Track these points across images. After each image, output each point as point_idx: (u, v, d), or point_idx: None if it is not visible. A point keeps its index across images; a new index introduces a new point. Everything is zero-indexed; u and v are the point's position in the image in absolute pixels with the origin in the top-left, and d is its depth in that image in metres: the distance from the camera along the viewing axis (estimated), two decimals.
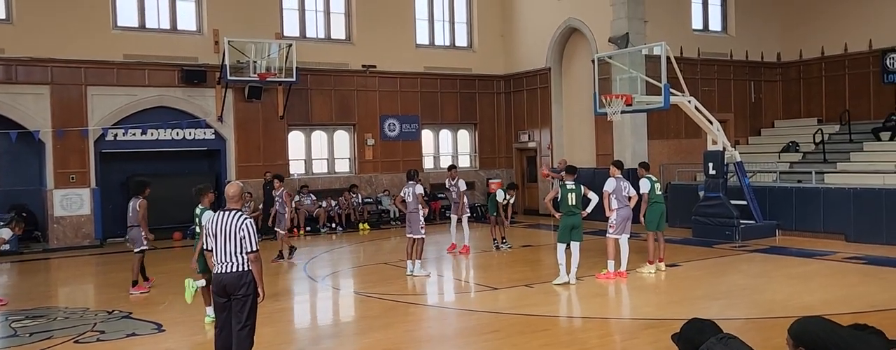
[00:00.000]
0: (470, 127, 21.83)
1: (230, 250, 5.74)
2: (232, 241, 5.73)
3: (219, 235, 5.77)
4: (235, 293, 5.75)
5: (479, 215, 19.76)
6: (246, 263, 5.75)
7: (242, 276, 5.75)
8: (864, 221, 13.26)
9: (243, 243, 5.73)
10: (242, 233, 5.72)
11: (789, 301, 8.71)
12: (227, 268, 5.75)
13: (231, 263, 5.75)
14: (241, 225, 5.73)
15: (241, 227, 5.73)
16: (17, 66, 15.65)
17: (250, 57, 17.02)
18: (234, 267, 5.75)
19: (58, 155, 16.00)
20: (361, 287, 10.81)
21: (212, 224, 5.83)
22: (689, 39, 19.09)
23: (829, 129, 18.03)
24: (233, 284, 5.74)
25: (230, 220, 5.76)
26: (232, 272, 5.74)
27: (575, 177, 10.33)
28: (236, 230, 5.73)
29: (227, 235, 5.74)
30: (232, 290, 5.75)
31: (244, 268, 5.75)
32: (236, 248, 5.73)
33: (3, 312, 9.31)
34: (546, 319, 8.24)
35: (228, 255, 5.75)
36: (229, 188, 5.95)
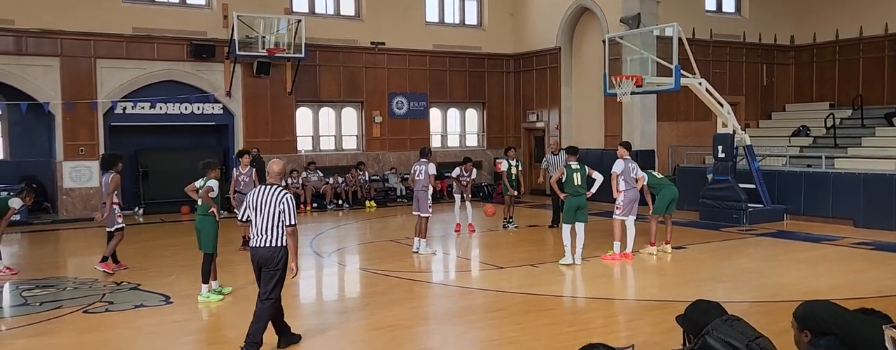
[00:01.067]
0: (478, 106, 21.75)
1: (268, 224, 5.96)
2: (270, 214, 5.95)
3: (258, 209, 6.00)
4: (267, 266, 5.98)
5: (485, 195, 19.78)
6: (281, 238, 5.97)
7: (276, 251, 5.97)
8: (874, 207, 13.19)
9: (281, 217, 5.94)
10: (281, 207, 5.94)
11: (795, 285, 8.70)
12: (263, 241, 5.98)
13: (266, 237, 5.97)
14: (280, 199, 5.96)
15: (281, 201, 5.95)
16: (28, 37, 15.65)
17: (259, 32, 16.95)
18: (269, 241, 5.97)
19: (67, 127, 16.07)
20: (367, 264, 10.86)
21: (253, 198, 6.09)
22: (701, 20, 18.89)
23: (841, 113, 17.88)
24: (266, 258, 5.98)
25: (270, 194, 5.99)
26: (266, 246, 5.97)
27: (577, 157, 10.36)
28: (275, 204, 5.95)
29: (266, 209, 5.96)
30: (264, 263, 5.99)
31: (278, 243, 5.97)
32: (274, 222, 5.94)
33: (13, 281, 9.41)
34: (551, 299, 8.27)
35: (265, 229, 5.97)
36: (273, 165, 6.17)
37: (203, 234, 8.25)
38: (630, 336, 6.56)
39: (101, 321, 7.40)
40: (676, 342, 3.70)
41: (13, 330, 7.26)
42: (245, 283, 9.09)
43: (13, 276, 9.75)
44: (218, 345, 6.72)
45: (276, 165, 6.18)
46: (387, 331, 6.90)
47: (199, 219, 8.35)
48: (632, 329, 7.03)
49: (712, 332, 3.05)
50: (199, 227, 8.30)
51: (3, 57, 15.45)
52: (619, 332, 6.98)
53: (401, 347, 6.44)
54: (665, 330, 6.35)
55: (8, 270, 9.89)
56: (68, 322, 7.35)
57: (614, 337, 6.51)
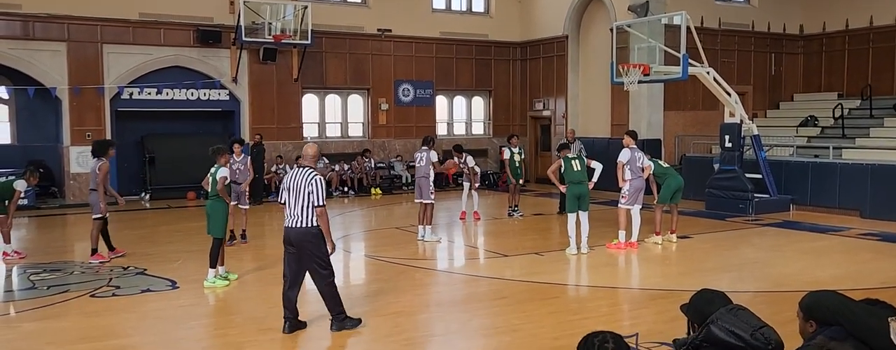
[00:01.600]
0: (484, 94, 21.69)
1: (299, 205, 6.12)
2: (301, 196, 6.11)
3: (290, 191, 6.19)
4: (303, 248, 6.16)
5: (490, 183, 19.78)
6: (312, 219, 6.11)
7: (307, 232, 6.12)
8: (881, 198, 13.14)
9: (311, 198, 6.09)
10: (310, 188, 6.09)
11: (800, 275, 8.69)
12: (294, 222, 6.16)
13: (298, 218, 6.14)
14: (309, 181, 6.11)
15: (310, 183, 6.10)
16: (35, 22, 15.66)
17: (265, 18, 16.92)
18: (300, 222, 6.13)
19: (74, 112, 16.11)
20: (372, 251, 10.89)
21: (287, 180, 6.28)
22: (710, 9, 18.76)
23: (850, 103, 17.76)
24: (298, 239, 6.16)
25: (301, 176, 6.16)
26: (297, 227, 6.15)
27: (568, 151, 10.40)
28: (305, 185, 6.10)
29: (297, 191, 6.12)
30: (297, 244, 6.17)
31: (310, 224, 6.12)
32: (304, 203, 6.10)
33: (21, 265, 9.48)
34: (555, 287, 8.29)
35: (296, 210, 6.14)
36: (307, 148, 6.35)
37: (213, 218, 8.28)
38: (634, 325, 6.57)
39: (107, 305, 7.46)
40: (680, 331, 3.71)
41: (21, 313, 7.32)
42: (251, 269, 9.14)
43: (21, 259, 9.82)
44: (223, 329, 6.77)
45: (310, 149, 6.34)
46: (391, 317, 6.93)
47: (210, 203, 8.38)
48: (636, 318, 7.04)
49: (717, 322, 3.05)
50: (210, 212, 8.33)
51: (11, 42, 15.47)
52: (623, 320, 7.00)
53: (405, 334, 6.47)
54: (669, 319, 6.36)
55: (16, 254, 9.96)
56: (75, 306, 7.40)
57: (618, 325, 6.52)
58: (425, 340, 6.45)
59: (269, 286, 8.27)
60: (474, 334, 6.60)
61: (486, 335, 6.52)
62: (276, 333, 6.42)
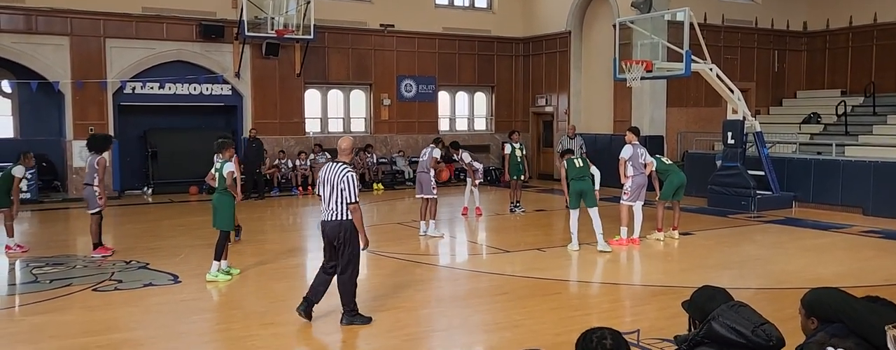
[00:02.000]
0: (487, 90, 21.67)
1: (332, 199, 6.23)
2: (334, 190, 6.21)
3: (325, 185, 6.30)
4: (335, 241, 6.26)
5: (493, 179, 19.77)
6: (345, 213, 6.21)
7: (340, 225, 6.23)
8: (883, 195, 13.11)
9: (343, 194, 6.17)
10: (343, 184, 6.17)
11: (802, 272, 8.69)
12: (329, 216, 6.28)
13: (332, 212, 6.25)
14: (342, 177, 6.19)
15: (342, 179, 6.18)
16: (38, 16, 15.67)
17: (268, 13, 16.89)
18: (334, 215, 6.24)
19: (77, 106, 16.12)
20: (374, 246, 10.86)
21: (323, 174, 6.41)
22: (713, 5, 18.71)
23: (853, 101, 17.73)
24: (331, 232, 6.28)
25: (335, 171, 6.25)
26: (331, 221, 6.27)
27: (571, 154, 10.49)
28: (338, 181, 6.19)
29: (331, 185, 6.23)
30: (331, 237, 6.29)
31: (343, 217, 6.22)
32: (337, 198, 6.20)
33: (24, 259, 9.51)
34: (557, 283, 8.29)
35: (330, 204, 6.25)
36: (341, 142, 6.45)
37: (221, 211, 8.30)
38: (635, 321, 6.58)
39: (110, 299, 7.48)
40: (682, 328, 3.71)
41: (23, 307, 7.35)
42: (253, 263, 9.16)
43: (24, 253, 9.85)
44: (225, 324, 6.78)
45: (344, 142, 6.44)
46: (393, 313, 6.94)
47: (217, 196, 8.39)
48: (637, 314, 7.05)
49: (718, 318, 3.05)
50: (217, 205, 8.34)
51: (14, 35, 15.48)
52: (625, 317, 7.00)
53: (407, 329, 6.48)
54: (670, 315, 6.36)
55: (19, 248, 9.98)
56: (77, 300, 7.42)
57: (619, 322, 6.53)
58: (427, 335, 6.46)
59: (270, 281, 8.29)
60: (475, 330, 6.61)
61: (488, 331, 6.53)
62: (279, 328, 6.44)
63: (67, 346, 5.96)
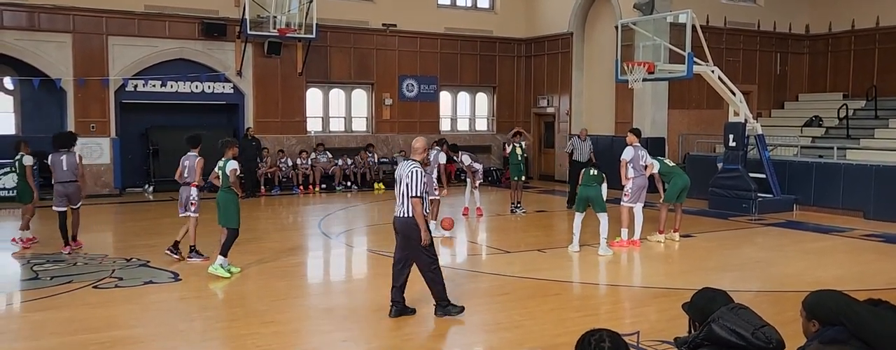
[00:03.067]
0: (489, 90, 21.67)
1: (401, 196, 6.49)
2: (402, 186, 6.48)
3: (397, 183, 6.60)
4: (407, 236, 6.51)
5: (493, 179, 19.77)
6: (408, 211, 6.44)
7: (409, 220, 6.46)
8: (885, 199, 13.10)
9: (408, 189, 6.42)
10: (407, 179, 6.45)
11: (803, 275, 8.68)
12: (399, 211, 6.55)
13: (401, 208, 6.51)
14: (407, 172, 6.49)
15: (408, 174, 6.48)
16: (40, 13, 15.68)
17: (270, 12, 16.89)
18: (403, 212, 6.50)
19: (79, 104, 16.14)
20: (375, 245, 10.90)
21: (397, 172, 6.71)
22: (716, 8, 18.71)
23: (855, 104, 17.72)
24: (402, 228, 6.52)
25: (405, 168, 6.56)
26: (401, 216, 6.52)
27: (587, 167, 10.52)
28: (404, 176, 6.48)
29: (400, 182, 6.53)
30: (402, 232, 6.54)
31: (412, 213, 6.45)
32: (405, 193, 6.45)
33: (24, 256, 9.52)
34: (557, 284, 8.28)
35: (400, 200, 6.51)
36: (415, 142, 6.74)
37: (226, 210, 8.32)
38: (636, 322, 6.57)
39: (110, 297, 7.48)
40: (682, 329, 3.71)
41: (24, 303, 7.36)
42: (253, 262, 9.16)
43: (26, 249, 9.92)
44: (225, 322, 6.78)
45: (417, 142, 6.73)
46: None
47: (222, 194, 8.41)
48: (637, 316, 7.05)
49: (718, 320, 3.05)
50: (222, 203, 8.36)
51: (16, 32, 15.49)
52: (625, 318, 7.01)
53: (406, 329, 6.48)
54: (670, 317, 6.36)
55: (22, 242, 10.08)
56: (78, 297, 7.43)
57: (620, 323, 6.53)
58: (427, 336, 6.47)
59: (271, 280, 8.29)
60: (476, 330, 6.61)
61: (488, 331, 6.54)
62: (279, 326, 6.45)
63: (68, 343, 5.97)
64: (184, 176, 9.19)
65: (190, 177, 9.12)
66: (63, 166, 9.68)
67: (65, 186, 9.75)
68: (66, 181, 9.74)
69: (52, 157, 9.76)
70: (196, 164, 9.05)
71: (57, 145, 9.84)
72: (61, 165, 9.69)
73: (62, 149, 9.76)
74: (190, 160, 9.15)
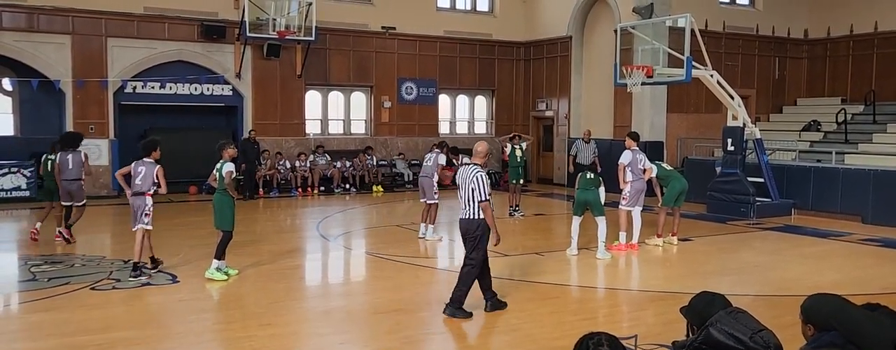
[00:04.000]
0: (487, 93, 21.68)
1: (465, 198, 6.73)
2: (466, 190, 6.70)
3: (459, 186, 6.80)
4: (467, 235, 6.75)
5: (493, 182, 19.76)
6: (477, 211, 6.67)
7: (473, 222, 6.71)
8: (883, 203, 13.12)
9: (474, 193, 6.65)
10: (474, 184, 6.67)
11: (801, 280, 8.69)
12: (464, 214, 6.77)
13: (465, 210, 6.74)
14: (472, 177, 6.69)
15: (472, 179, 6.68)
16: (39, 14, 15.68)
17: (270, 14, 16.91)
18: (468, 214, 6.73)
19: (78, 105, 16.13)
20: (373, 248, 10.90)
21: (458, 175, 6.90)
22: (714, 12, 18.75)
23: (853, 109, 17.75)
24: (466, 228, 6.76)
25: (468, 172, 6.74)
26: (466, 218, 6.76)
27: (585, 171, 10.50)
28: (469, 181, 6.68)
29: (464, 186, 6.72)
30: (465, 233, 6.77)
31: (475, 215, 6.69)
32: (469, 197, 6.68)
33: (22, 257, 9.50)
34: (555, 288, 8.28)
35: (464, 203, 6.75)
36: (478, 145, 6.98)
37: (221, 212, 8.30)
38: (633, 326, 6.57)
39: (108, 298, 7.47)
40: (680, 333, 3.71)
41: (21, 305, 7.34)
42: (251, 264, 9.15)
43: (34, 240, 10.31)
44: (223, 324, 6.78)
45: (480, 146, 6.98)
46: (391, 315, 6.94)
47: (217, 197, 8.38)
48: (635, 319, 7.04)
49: (716, 324, 3.05)
50: (217, 206, 8.34)
51: (16, 33, 15.49)
52: (623, 322, 7.00)
53: (405, 331, 6.47)
54: (668, 321, 6.36)
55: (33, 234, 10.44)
56: (76, 298, 7.41)
57: (617, 327, 6.53)
58: (425, 338, 6.46)
59: (269, 282, 8.28)
60: (474, 333, 6.61)
61: (486, 334, 6.53)
62: (277, 328, 6.44)
63: (65, 345, 5.96)
64: (136, 184, 8.45)
65: (144, 185, 8.41)
66: (69, 165, 10.24)
67: (69, 184, 10.30)
68: (71, 179, 10.29)
69: (60, 155, 10.28)
70: (156, 172, 8.43)
71: (64, 145, 10.41)
72: (68, 164, 10.26)
73: (69, 148, 10.31)
74: (146, 167, 8.47)
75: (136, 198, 8.46)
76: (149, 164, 8.51)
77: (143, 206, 8.42)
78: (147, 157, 8.54)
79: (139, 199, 8.43)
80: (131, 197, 8.51)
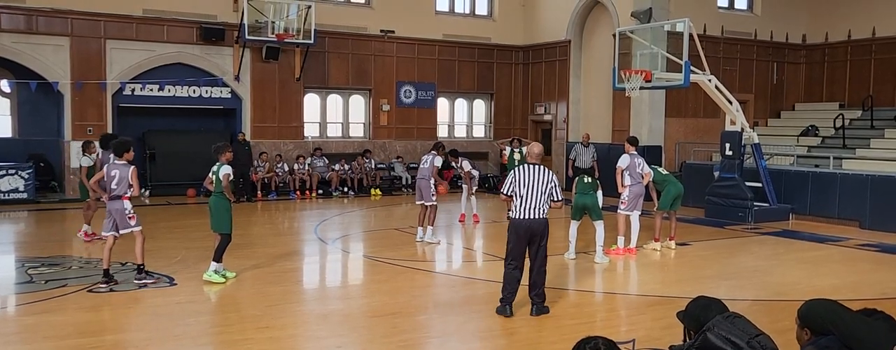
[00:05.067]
0: (486, 97, 21.70)
1: (539, 199, 6.72)
2: (542, 190, 6.73)
3: (529, 186, 6.73)
4: (536, 235, 6.77)
5: (490, 186, 19.77)
6: (546, 210, 6.78)
7: (543, 221, 6.79)
8: (880, 209, 13.13)
9: (552, 193, 6.77)
10: (553, 184, 6.82)
11: (799, 284, 8.69)
12: (537, 214, 6.74)
13: (540, 210, 6.75)
14: (550, 178, 6.81)
15: (551, 179, 6.81)
16: (38, 16, 15.68)
17: (269, 17, 16.93)
18: (542, 214, 6.76)
19: (76, 107, 16.12)
20: (371, 251, 10.89)
21: (521, 175, 6.80)
22: (713, 17, 18.78)
23: (851, 114, 17.78)
24: (538, 228, 6.77)
25: (540, 172, 6.78)
26: (540, 218, 6.76)
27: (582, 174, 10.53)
28: (547, 181, 6.75)
29: (536, 186, 6.71)
30: (535, 232, 6.77)
31: (545, 215, 6.77)
32: (540, 197, 6.72)
33: (19, 259, 9.48)
34: (552, 292, 8.24)
35: (538, 203, 6.73)
36: (535, 147, 7.02)
37: (217, 215, 8.29)
38: (631, 331, 6.56)
39: (105, 300, 7.46)
40: (677, 338, 3.71)
41: (17, 307, 7.32)
42: (249, 266, 9.14)
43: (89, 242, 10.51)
44: (220, 327, 6.76)
45: (536, 148, 7.01)
46: (388, 318, 6.93)
47: (214, 199, 8.37)
48: (633, 324, 7.04)
49: (713, 329, 3.06)
50: (213, 208, 8.33)
51: (14, 35, 15.49)
52: (620, 326, 7.00)
53: (402, 335, 6.46)
54: (666, 325, 6.36)
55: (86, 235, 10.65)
56: (72, 301, 7.40)
57: (615, 331, 6.52)
58: (422, 342, 6.45)
59: (266, 285, 8.27)
60: (471, 337, 6.60)
61: (483, 338, 6.53)
62: (274, 331, 6.43)
63: (61, 348, 5.94)
64: (112, 188, 8.08)
65: (120, 189, 8.04)
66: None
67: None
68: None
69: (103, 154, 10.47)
70: (131, 174, 8.04)
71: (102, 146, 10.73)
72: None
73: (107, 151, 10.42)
74: (120, 170, 8.06)
75: (113, 202, 8.09)
76: (122, 166, 8.08)
77: (123, 210, 8.03)
78: (119, 160, 8.12)
79: (117, 204, 8.04)
80: (108, 201, 8.18)
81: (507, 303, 6.92)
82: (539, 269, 6.97)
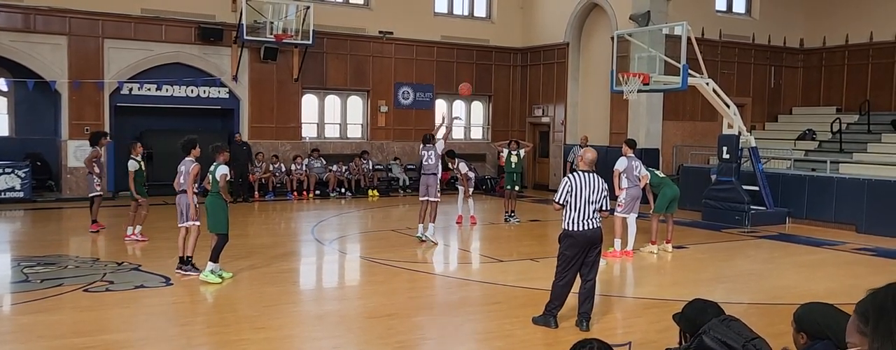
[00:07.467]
0: (484, 99, 21.71)
1: (593, 207, 6.47)
2: (598, 198, 6.49)
3: (584, 197, 6.43)
4: (594, 246, 6.51)
5: (488, 188, 19.78)
6: (599, 219, 6.53)
7: (599, 231, 6.54)
8: (877, 213, 13.16)
9: (603, 202, 6.53)
10: (604, 193, 6.54)
11: (795, 288, 8.70)
12: (592, 224, 6.46)
13: (595, 220, 6.49)
14: (603, 186, 6.53)
15: (604, 188, 6.53)
16: (36, 15, 15.65)
17: (267, 17, 16.93)
18: (596, 223, 6.50)
19: (73, 106, 16.09)
20: (368, 252, 10.88)
21: (575, 183, 6.46)
22: (711, 20, 18.82)
23: (848, 118, 17.82)
24: (597, 238, 6.51)
25: (595, 180, 6.50)
26: (596, 228, 6.49)
27: None
28: (599, 190, 6.48)
29: (588, 196, 6.42)
30: (593, 243, 6.50)
31: (599, 224, 6.53)
32: (595, 207, 6.47)
33: (15, 258, 9.46)
34: (549, 294, 8.26)
35: (591, 213, 6.46)
36: (588, 154, 6.70)
37: (213, 215, 8.28)
38: (627, 333, 6.57)
39: (101, 300, 7.44)
40: (673, 341, 3.72)
41: (13, 306, 7.30)
42: (245, 267, 9.13)
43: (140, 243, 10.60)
44: (216, 327, 6.75)
45: (589, 154, 6.73)
46: (385, 319, 6.93)
47: (210, 199, 8.37)
48: (629, 326, 7.04)
49: (709, 332, 3.06)
50: (210, 208, 8.32)
51: (12, 34, 15.46)
52: (617, 329, 7.00)
53: (398, 336, 6.46)
54: (662, 328, 6.36)
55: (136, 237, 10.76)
56: (68, 300, 7.39)
57: (611, 334, 6.52)
58: (418, 343, 6.44)
59: (263, 285, 8.26)
60: (467, 339, 6.60)
61: (480, 340, 6.52)
62: (270, 332, 6.42)
63: (56, 347, 5.93)
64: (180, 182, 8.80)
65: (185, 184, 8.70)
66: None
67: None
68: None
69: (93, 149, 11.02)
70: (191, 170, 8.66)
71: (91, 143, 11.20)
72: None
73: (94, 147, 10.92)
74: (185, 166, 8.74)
75: (179, 196, 8.80)
76: (187, 162, 8.76)
77: (185, 204, 8.68)
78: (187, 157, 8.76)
79: (182, 198, 8.74)
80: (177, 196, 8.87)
81: (553, 315, 6.71)
82: (592, 280, 6.72)
